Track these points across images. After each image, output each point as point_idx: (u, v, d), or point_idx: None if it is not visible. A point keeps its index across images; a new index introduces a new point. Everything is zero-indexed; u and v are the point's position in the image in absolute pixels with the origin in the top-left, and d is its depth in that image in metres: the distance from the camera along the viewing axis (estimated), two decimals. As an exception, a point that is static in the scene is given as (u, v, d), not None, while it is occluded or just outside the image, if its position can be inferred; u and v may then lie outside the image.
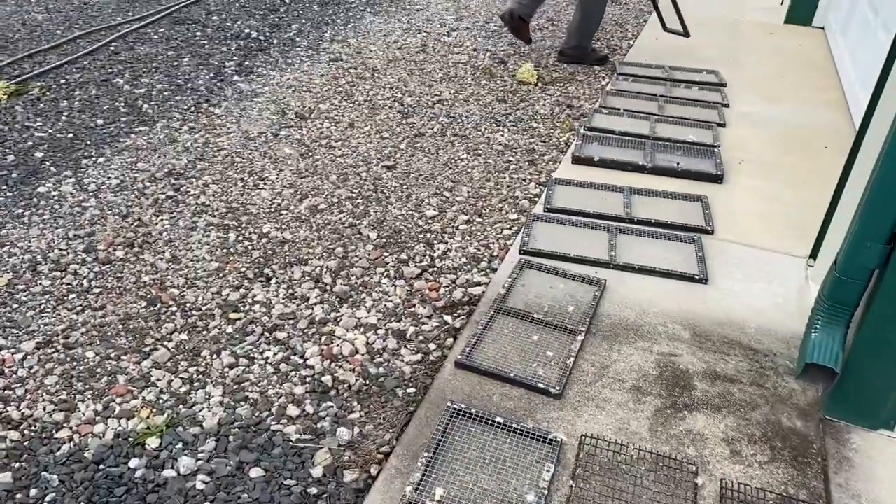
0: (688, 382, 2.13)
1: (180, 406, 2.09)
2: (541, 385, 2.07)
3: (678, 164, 3.33)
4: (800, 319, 2.39)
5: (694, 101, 4.10)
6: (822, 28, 5.53)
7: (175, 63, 4.57)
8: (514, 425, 1.93)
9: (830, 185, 2.54)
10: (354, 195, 3.17)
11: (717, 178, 3.24)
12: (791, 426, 1.99)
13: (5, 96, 3.94)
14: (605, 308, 2.43)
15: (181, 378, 2.19)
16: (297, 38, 5.10)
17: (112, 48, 4.77)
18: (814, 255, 2.67)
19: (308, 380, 2.18)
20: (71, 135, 3.64)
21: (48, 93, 4.08)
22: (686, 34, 4.68)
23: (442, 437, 1.89)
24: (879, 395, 1.91)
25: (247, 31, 5.21)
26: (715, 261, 2.69)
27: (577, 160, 3.40)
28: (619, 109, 3.92)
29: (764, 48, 5.10)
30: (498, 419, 1.94)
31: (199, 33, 5.12)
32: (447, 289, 2.59)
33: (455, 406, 1.98)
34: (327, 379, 2.18)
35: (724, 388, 2.12)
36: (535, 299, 2.46)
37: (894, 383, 1.88)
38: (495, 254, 2.79)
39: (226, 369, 2.22)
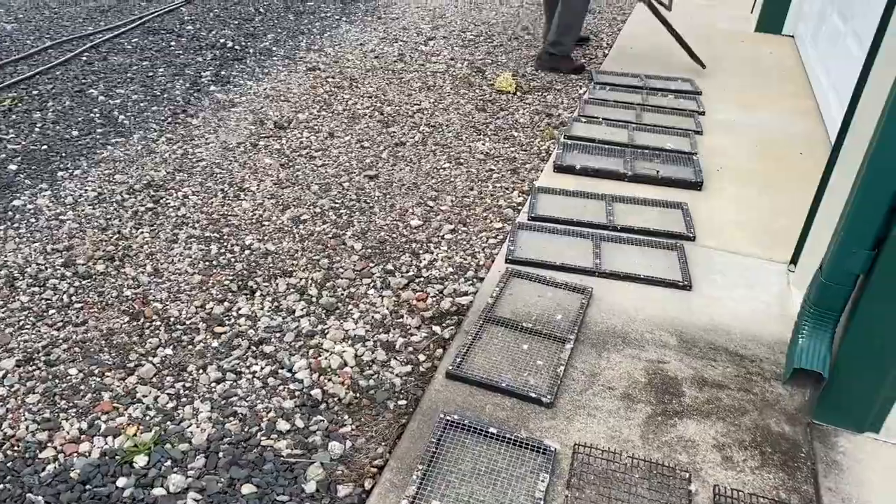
0: (677, 389, 2.15)
1: (168, 422, 2.05)
2: (532, 394, 2.07)
3: (658, 171, 3.36)
4: (783, 324, 2.42)
5: (670, 109, 4.15)
6: (792, 36, 5.63)
7: (150, 73, 4.52)
8: (507, 435, 1.93)
9: (807, 191, 2.59)
10: (337, 205, 3.15)
11: (696, 186, 3.28)
12: (780, 431, 2.02)
13: (-24, 108, 3.87)
14: (593, 316, 2.45)
15: (167, 394, 2.15)
16: (273, 48, 5.07)
17: (85, 58, 4.70)
18: (794, 260, 2.71)
19: (297, 394, 2.16)
20: (45, 147, 3.57)
21: (20, 104, 4.01)
22: (702, 66, 4.72)
23: (436, 449, 1.88)
24: (866, 397, 1.94)
25: (222, 40, 5.17)
26: (698, 267, 2.72)
27: (559, 168, 3.42)
28: (597, 118, 3.96)
29: (736, 56, 5.18)
30: (491, 430, 1.94)
31: (173, 43, 5.07)
32: (435, 299, 2.58)
33: (448, 417, 1.97)
34: (317, 392, 2.16)
35: (712, 393, 2.14)
36: (524, 308, 2.47)
37: (880, 386, 1.91)
38: (481, 263, 2.79)
39: (213, 384, 2.19)
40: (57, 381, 2.19)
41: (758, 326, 2.43)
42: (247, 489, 1.85)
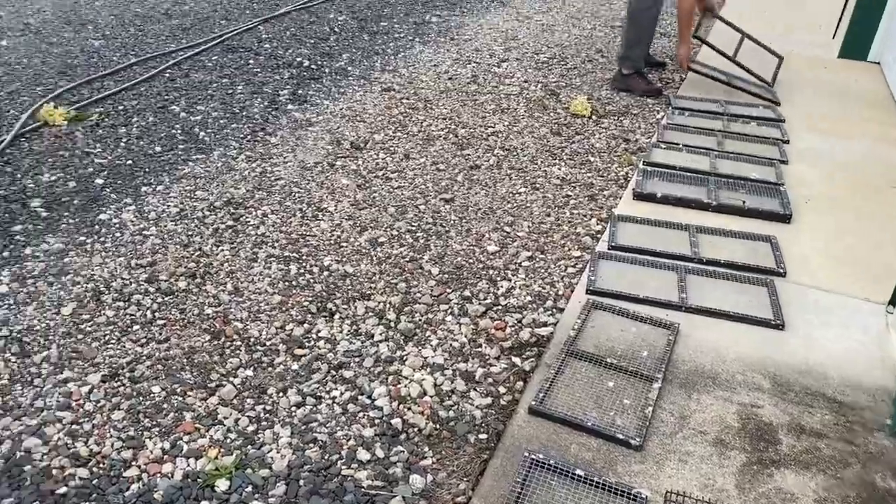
0: (772, 436, 2.05)
1: (248, 446, 2.04)
2: (620, 436, 1.99)
3: (744, 202, 3.25)
4: (883, 369, 2.30)
5: (753, 136, 4.02)
6: (878, 63, 5.43)
7: (229, 91, 4.61)
8: (595, 479, 1.86)
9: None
10: (414, 228, 3.14)
11: (784, 218, 3.15)
12: (886, 487, 1.89)
13: (66, 122, 3.99)
14: (680, 353, 2.36)
15: (248, 416, 2.15)
16: (349, 68, 5.12)
17: (167, 75, 4.82)
18: (893, 301, 2.57)
19: (377, 422, 2.13)
20: (130, 162, 3.66)
21: (107, 119, 4.13)
22: (777, 102, 4.59)
23: (521, 489, 1.82)
24: (984, 457, 1.81)
25: (298, 59, 5.24)
26: (790, 305, 2.60)
27: (639, 196, 3.34)
28: (677, 144, 3.86)
29: (818, 83, 5.01)
30: (578, 472, 1.87)
31: (251, 61, 5.17)
32: (513, 328, 2.53)
33: (533, 456, 1.91)
34: (397, 422, 2.12)
35: (810, 443, 2.03)
36: (607, 342, 2.40)
37: None
38: (560, 293, 2.72)
39: (293, 408, 2.18)
40: (141, 398, 2.21)
41: (856, 371, 2.31)
42: (328, 520, 1.82)
